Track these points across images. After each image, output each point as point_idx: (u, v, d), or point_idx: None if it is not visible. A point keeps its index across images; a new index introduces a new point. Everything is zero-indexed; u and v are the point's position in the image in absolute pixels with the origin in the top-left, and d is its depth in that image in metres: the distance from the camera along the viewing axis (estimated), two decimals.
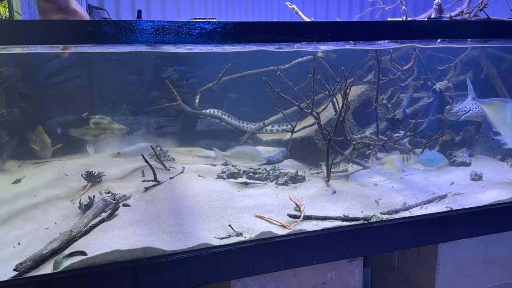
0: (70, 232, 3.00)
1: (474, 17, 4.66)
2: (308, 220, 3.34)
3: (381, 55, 5.26)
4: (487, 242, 3.65)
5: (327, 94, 4.67)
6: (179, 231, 3.13)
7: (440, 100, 5.57)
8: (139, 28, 2.68)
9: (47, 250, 2.79)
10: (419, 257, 3.78)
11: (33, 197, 4.04)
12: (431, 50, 5.74)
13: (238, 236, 3.09)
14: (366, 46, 4.69)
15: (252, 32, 2.90)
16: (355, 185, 4.33)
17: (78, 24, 2.72)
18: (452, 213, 3.50)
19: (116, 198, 3.78)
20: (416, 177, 4.52)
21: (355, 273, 3.38)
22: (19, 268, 2.64)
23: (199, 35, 2.79)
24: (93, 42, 2.74)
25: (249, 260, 2.95)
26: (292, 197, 3.76)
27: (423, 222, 3.40)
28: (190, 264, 2.83)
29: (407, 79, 5.69)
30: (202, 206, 3.60)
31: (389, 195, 3.97)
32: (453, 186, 4.24)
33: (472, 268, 3.66)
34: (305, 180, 4.45)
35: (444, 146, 5.17)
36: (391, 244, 3.39)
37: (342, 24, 3.25)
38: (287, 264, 3.07)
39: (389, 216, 3.45)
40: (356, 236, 3.23)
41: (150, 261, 2.76)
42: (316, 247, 3.12)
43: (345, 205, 3.67)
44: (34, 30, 2.58)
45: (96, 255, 2.73)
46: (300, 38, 3.02)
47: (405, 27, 3.34)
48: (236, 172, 4.54)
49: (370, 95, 5.40)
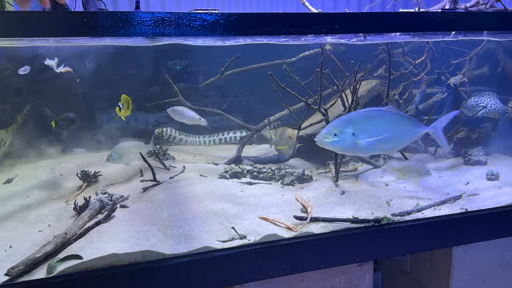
0: (65, 235, 3.00)
1: (491, 8, 4.62)
2: (316, 222, 3.32)
3: (392, 48, 5.24)
4: (504, 245, 3.64)
5: (335, 89, 4.65)
6: (179, 234, 3.12)
7: (454, 96, 5.55)
8: (138, 19, 2.68)
9: (41, 253, 2.79)
10: (432, 261, 3.76)
11: (26, 197, 4.04)
12: (445, 43, 5.72)
13: (242, 239, 3.08)
14: (377, 39, 4.68)
15: (257, 24, 2.89)
16: (365, 185, 4.32)
17: (73, 15, 2.71)
18: (467, 215, 3.48)
19: (113, 199, 3.78)
20: (429, 176, 4.50)
21: (365, 277, 3.37)
22: (10, 273, 2.63)
23: (200, 27, 2.79)
24: (89, 34, 2.74)
25: (253, 264, 2.95)
26: (298, 198, 3.75)
27: (437, 224, 3.38)
28: (191, 269, 2.82)
29: (419, 74, 5.67)
30: (203, 208, 3.59)
31: (401, 196, 3.95)
32: (468, 186, 4.22)
33: (488, 272, 3.65)
34: (312, 180, 4.44)
35: (458, 144, 5.16)
36: (403, 248, 3.38)
37: (352, 16, 3.23)
38: (294, 269, 3.06)
39: (400, 218, 3.44)
40: (366, 239, 3.22)
41: (148, 266, 2.75)
42: (324, 250, 3.11)
43: (355, 207, 3.66)
44: (26, 22, 2.57)
45: (92, 259, 2.73)
46: (307, 30, 3.01)
47: (417, 18, 3.33)
48: (240, 171, 4.53)
49: (381, 90, 5.38)
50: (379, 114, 3.30)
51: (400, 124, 3.30)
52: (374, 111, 3.32)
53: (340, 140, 3.08)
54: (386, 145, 3.25)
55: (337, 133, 3.07)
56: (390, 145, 3.31)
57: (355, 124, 3.13)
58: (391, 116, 3.29)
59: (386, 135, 3.19)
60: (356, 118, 3.22)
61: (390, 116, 3.29)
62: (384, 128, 3.20)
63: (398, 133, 3.28)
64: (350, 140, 3.08)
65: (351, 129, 3.10)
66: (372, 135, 3.15)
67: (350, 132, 3.09)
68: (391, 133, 3.22)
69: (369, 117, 3.27)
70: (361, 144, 3.12)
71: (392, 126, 3.26)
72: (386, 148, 3.38)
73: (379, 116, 3.28)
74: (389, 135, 3.20)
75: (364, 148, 3.16)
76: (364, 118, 3.24)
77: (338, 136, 3.07)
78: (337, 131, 3.07)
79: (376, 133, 3.16)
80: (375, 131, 3.16)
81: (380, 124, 3.23)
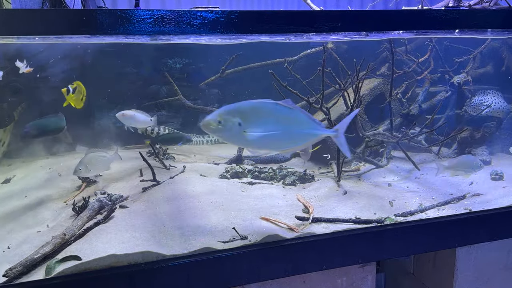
0: (63, 236, 3.00)
1: (495, 6, 4.62)
2: (318, 222, 3.33)
3: (395, 47, 5.23)
4: (509, 246, 3.64)
5: (337, 88, 4.65)
6: (179, 235, 3.12)
7: (458, 95, 5.55)
8: (137, 17, 2.67)
9: (39, 254, 2.79)
10: (435, 262, 3.76)
11: (24, 198, 4.04)
12: (448, 41, 5.72)
13: (243, 239, 3.07)
14: (380, 37, 4.67)
15: (258, 22, 2.89)
16: (367, 185, 4.32)
17: (72, 13, 2.71)
18: (471, 215, 3.48)
19: (112, 199, 3.78)
20: (432, 176, 4.50)
21: (367, 279, 3.36)
22: (8, 274, 2.63)
23: (201, 25, 2.78)
24: (88, 32, 2.74)
25: (254, 265, 2.95)
26: (300, 198, 3.75)
27: (440, 224, 3.38)
28: (191, 270, 2.82)
29: (423, 72, 5.67)
30: (204, 208, 3.59)
31: (404, 196, 3.95)
32: (472, 186, 4.22)
33: (492, 273, 3.65)
34: (314, 180, 4.44)
35: (462, 144, 5.15)
36: (406, 248, 3.37)
37: (354, 14, 3.23)
38: (295, 270, 3.06)
39: (404, 219, 3.44)
40: (368, 239, 3.22)
41: (148, 267, 2.75)
42: (326, 251, 3.11)
43: (357, 207, 3.66)
44: (24, 20, 2.57)
45: (91, 260, 2.72)
46: (309, 28, 3.01)
47: (420, 16, 3.33)
48: (241, 171, 4.53)
49: (384, 89, 5.38)
50: (273, 108, 3.00)
51: (296, 123, 3.02)
52: (268, 104, 2.99)
53: (224, 129, 2.84)
54: (278, 143, 3.02)
55: (222, 121, 2.83)
56: (282, 144, 3.05)
57: (243, 114, 2.89)
58: (286, 112, 3.00)
59: (278, 132, 2.96)
60: (245, 108, 2.95)
61: (286, 112, 3.00)
62: (277, 124, 2.97)
63: (292, 131, 3.03)
64: (236, 130, 2.86)
65: (237, 119, 2.86)
66: (263, 129, 2.93)
67: (236, 122, 2.85)
68: (284, 130, 2.99)
69: (261, 109, 3.00)
70: (249, 137, 2.90)
71: (286, 123, 3.00)
72: (278, 146, 3.11)
73: (272, 110, 3.00)
74: (281, 132, 2.98)
75: (252, 141, 2.93)
76: (254, 110, 2.98)
77: (223, 124, 2.83)
78: (222, 118, 2.83)
79: (267, 127, 2.94)
80: (266, 125, 2.94)
81: (272, 118, 2.97)
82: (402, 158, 4.92)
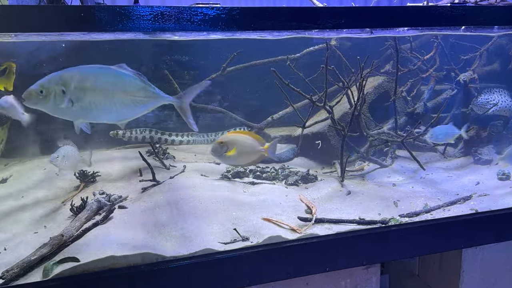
0: (61, 237, 3.00)
1: (502, 2, 4.62)
2: (321, 223, 3.32)
3: (400, 44, 5.23)
4: None
5: (341, 86, 4.64)
6: (180, 236, 3.12)
7: (464, 93, 5.54)
8: (136, 14, 2.67)
9: (36, 256, 2.79)
10: (441, 264, 3.76)
11: (21, 198, 4.04)
12: (454, 38, 5.71)
13: (244, 240, 3.07)
14: (384, 34, 4.67)
15: (260, 19, 2.89)
16: (371, 185, 4.31)
17: (70, 9, 2.71)
18: (477, 216, 3.48)
19: (111, 199, 3.77)
20: (438, 176, 4.50)
21: (371, 281, 3.36)
22: (5, 276, 2.63)
23: (201, 22, 2.78)
24: (86, 29, 2.74)
25: (256, 267, 2.95)
26: (303, 199, 3.75)
27: (446, 225, 3.38)
28: (191, 271, 2.82)
29: (428, 70, 5.66)
30: (205, 208, 3.59)
31: (409, 196, 3.95)
32: (478, 187, 4.22)
33: (499, 275, 3.64)
34: (317, 180, 4.43)
35: (468, 143, 5.15)
36: (411, 250, 3.37)
37: (358, 10, 3.23)
38: (298, 272, 3.06)
39: (408, 219, 3.44)
40: (373, 241, 3.22)
41: (148, 268, 2.75)
42: (329, 252, 3.10)
43: (361, 207, 3.66)
44: (22, 17, 2.57)
45: (89, 262, 2.72)
46: (312, 25, 3.01)
47: (426, 13, 3.32)
48: (242, 171, 4.52)
49: (388, 87, 5.38)
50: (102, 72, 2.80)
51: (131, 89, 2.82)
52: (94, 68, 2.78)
53: (46, 100, 2.62)
54: (110, 113, 2.82)
55: (43, 90, 2.61)
56: (115, 114, 2.85)
57: (67, 81, 2.65)
58: (118, 77, 2.80)
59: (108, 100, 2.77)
60: (69, 74, 2.70)
61: (117, 77, 2.80)
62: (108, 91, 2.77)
63: (125, 99, 2.82)
64: (60, 100, 2.63)
65: (60, 86, 2.63)
66: (91, 98, 2.71)
67: (59, 90, 2.63)
68: (116, 98, 2.79)
69: (87, 75, 2.75)
70: (74, 108, 2.67)
71: (119, 90, 2.80)
72: (110, 117, 2.88)
73: (101, 75, 2.79)
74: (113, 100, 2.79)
75: (78, 112, 2.71)
76: (79, 76, 2.72)
77: (45, 94, 2.61)
78: (44, 88, 2.61)
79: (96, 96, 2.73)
80: (93, 92, 2.72)
81: (101, 85, 2.77)
82: (407, 157, 4.91)
